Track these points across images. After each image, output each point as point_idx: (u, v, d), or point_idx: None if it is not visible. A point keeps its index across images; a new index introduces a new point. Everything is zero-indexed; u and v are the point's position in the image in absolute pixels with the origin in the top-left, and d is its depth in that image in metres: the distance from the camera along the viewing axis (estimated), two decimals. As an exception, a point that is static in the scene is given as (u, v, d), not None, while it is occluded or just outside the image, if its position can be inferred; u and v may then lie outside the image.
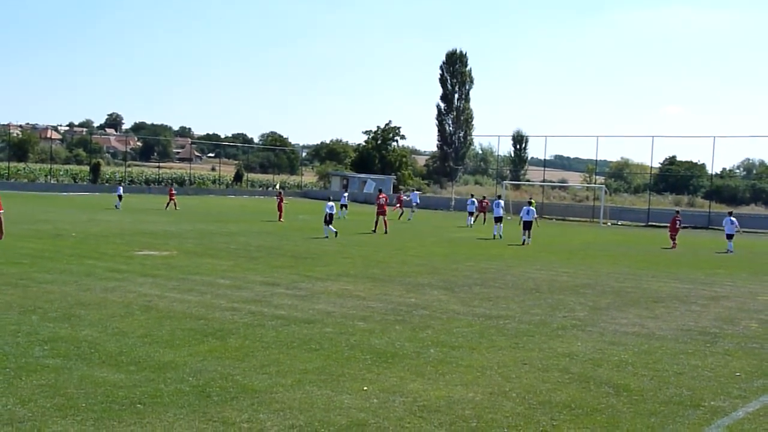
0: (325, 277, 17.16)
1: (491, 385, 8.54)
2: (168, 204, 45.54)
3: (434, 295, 15.30)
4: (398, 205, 48.31)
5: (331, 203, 30.07)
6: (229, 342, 10.12)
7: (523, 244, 29.67)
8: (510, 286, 17.15)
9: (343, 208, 43.96)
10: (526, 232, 30.62)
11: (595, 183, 76.66)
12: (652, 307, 14.83)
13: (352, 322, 11.94)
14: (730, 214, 33.08)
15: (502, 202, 36.32)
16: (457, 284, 17.01)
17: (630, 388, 8.66)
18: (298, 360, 9.30)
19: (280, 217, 38.86)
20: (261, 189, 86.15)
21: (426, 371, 9.04)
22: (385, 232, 32.40)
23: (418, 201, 52.34)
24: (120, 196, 44.68)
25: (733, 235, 31.58)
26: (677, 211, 36.23)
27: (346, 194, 46.26)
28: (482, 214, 45.95)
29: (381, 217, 33.65)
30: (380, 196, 34.71)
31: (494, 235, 32.46)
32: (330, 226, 28.95)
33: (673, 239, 32.52)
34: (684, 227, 37.61)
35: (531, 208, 31.64)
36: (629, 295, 16.31)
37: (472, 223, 42.49)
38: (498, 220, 33.75)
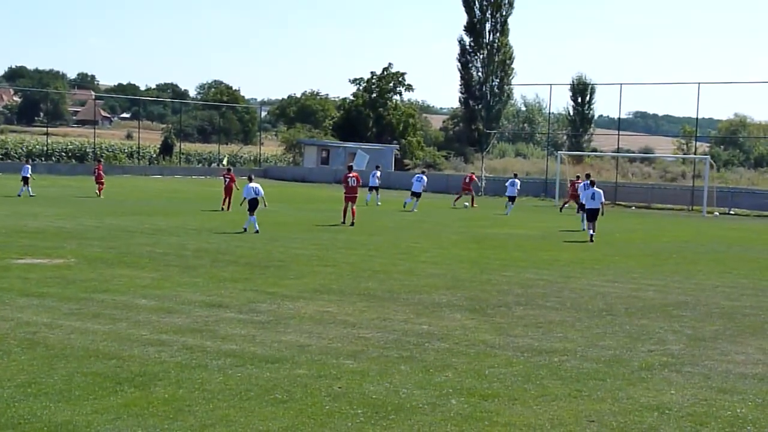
0: (297, 295, 17.11)
1: (543, 453, 8.52)
2: (99, 189, 46.26)
3: (456, 319, 15.27)
4: (465, 192, 50.74)
5: (253, 185, 31.24)
6: (155, 392, 10.08)
7: (591, 240, 30.71)
8: (568, 306, 17.12)
9: (375, 192, 48.48)
10: (591, 223, 31.63)
11: (695, 153, 76.74)
12: (780, 335, 14.82)
13: (337, 360, 11.91)
14: None
15: (601, 192, 35.17)
16: (490, 304, 16.99)
17: (749, 456, 8.64)
18: (257, 417, 9.27)
19: (228, 205, 39.00)
20: (201, 165, 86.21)
21: (446, 433, 9.01)
22: (352, 224, 33.86)
23: (423, 189, 51.23)
24: (26, 178, 44.66)
25: None
26: None
27: (378, 173, 50.43)
28: (572, 200, 46.61)
29: (350, 203, 34.90)
30: (350, 176, 35.78)
31: (590, 235, 31.47)
32: (254, 217, 30.11)
33: None
34: None
35: (597, 190, 32.43)
36: (747, 320, 16.29)
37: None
38: (589, 213, 32.66)
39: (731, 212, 53.78)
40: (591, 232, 31.33)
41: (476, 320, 15.26)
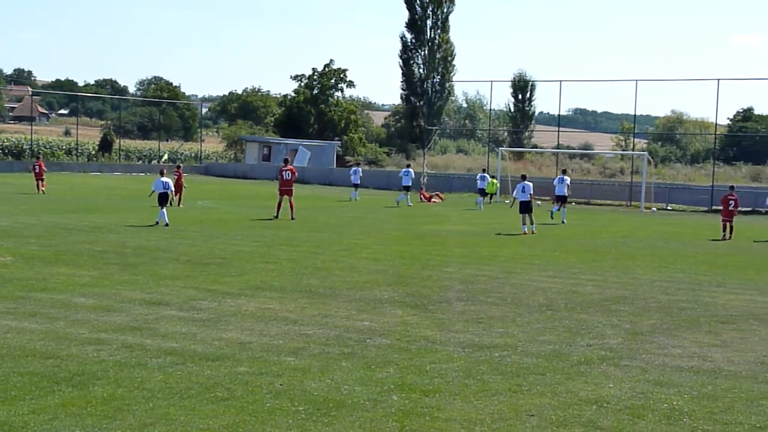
0: (238, 292, 17.06)
1: (484, 448, 8.56)
2: (38, 186, 45.76)
3: (398, 315, 15.30)
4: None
5: (164, 179, 31.72)
6: (94, 391, 9.99)
7: (525, 234, 32.04)
8: (509, 301, 17.24)
9: (355, 189, 50.74)
10: (526, 216, 32.91)
11: (633, 149, 77.62)
12: (717, 330, 15.04)
13: (278, 357, 11.89)
14: None
15: (567, 179, 42.08)
16: (432, 300, 17.05)
17: (685, 448, 8.76)
18: (198, 415, 9.23)
19: (178, 201, 39.19)
20: (141, 162, 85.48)
21: (387, 429, 9.03)
22: (292, 218, 34.44)
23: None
24: None
25: None
26: (731, 187, 37.25)
27: (359, 170, 53.05)
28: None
29: (286, 197, 35.32)
30: (285, 169, 36.23)
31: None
32: (164, 210, 30.58)
33: (726, 227, 34.11)
34: (744, 211, 38.79)
35: (527, 183, 34.09)
36: (684, 314, 16.52)
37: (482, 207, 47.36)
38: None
39: (668, 208, 54.50)
40: (525, 227, 32.61)
41: (417, 316, 15.30)
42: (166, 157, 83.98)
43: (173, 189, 31.33)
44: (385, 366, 11.60)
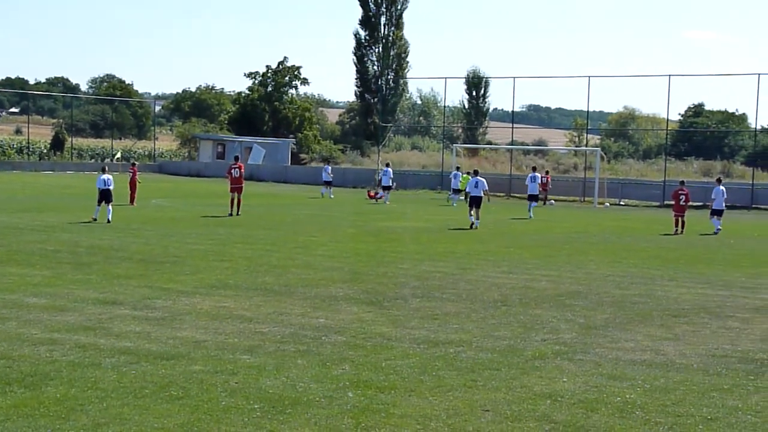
0: (193, 291, 16.98)
1: (439, 443, 8.58)
2: None
3: (353, 312, 15.31)
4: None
5: (105, 176, 32.36)
6: (46, 392, 9.90)
7: (472, 227, 33.05)
8: (464, 297, 17.31)
9: (328, 186, 52.55)
10: (474, 210, 34.20)
11: (586, 145, 78.17)
12: (670, 323, 15.20)
13: (233, 355, 11.85)
14: (719, 182, 37.09)
15: (539, 176, 45.77)
16: (387, 296, 17.07)
17: (638, 441, 8.84)
18: (152, 414, 9.17)
19: (131, 200, 39.13)
20: (93, 161, 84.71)
21: (342, 425, 9.04)
22: (238, 214, 35.18)
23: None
24: None
25: (723, 211, 35.64)
26: (682, 182, 37.77)
27: (329, 168, 54.62)
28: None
29: (236, 194, 35.97)
30: (234, 166, 36.96)
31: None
32: (104, 206, 31.42)
33: (678, 222, 34.59)
34: (696, 206, 39.44)
35: (480, 179, 35.42)
36: (637, 308, 16.68)
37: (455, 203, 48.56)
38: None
39: (621, 203, 54.97)
40: (474, 220, 33.61)
41: (373, 313, 15.32)
42: (119, 155, 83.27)
43: (113, 187, 32.07)
44: (341, 363, 11.61)
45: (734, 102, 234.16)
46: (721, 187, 36.12)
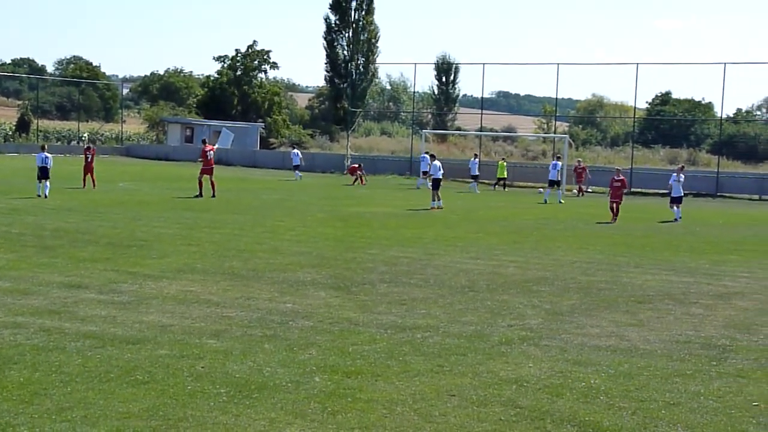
0: (159, 275, 16.92)
1: (404, 428, 8.62)
2: None
3: (321, 297, 15.32)
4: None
5: (44, 154, 34.17)
6: (9, 376, 9.85)
7: (433, 209, 35.62)
8: (431, 282, 17.35)
9: (296, 170, 54.06)
10: (435, 193, 36.81)
11: (555, 132, 78.45)
12: (634, 310, 15.31)
13: (200, 339, 11.83)
14: (682, 169, 38.49)
15: (559, 164, 46.73)
16: (355, 281, 17.08)
17: (603, 428, 8.91)
18: (117, 399, 9.14)
19: (91, 183, 38.61)
20: (60, 143, 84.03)
21: (309, 410, 9.05)
22: (213, 196, 35.93)
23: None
24: None
25: (681, 199, 36.32)
26: (617, 170, 38.09)
27: (297, 152, 56.87)
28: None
29: (207, 175, 36.59)
30: (206, 149, 37.50)
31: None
32: (44, 182, 33.57)
33: (613, 209, 34.46)
34: (662, 194, 40.16)
35: (436, 163, 39.55)
36: (602, 294, 16.78)
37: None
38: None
39: (589, 190, 55.13)
40: (435, 203, 36.21)
41: (340, 298, 15.33)
42: (86, 137, 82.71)
43: (51, 165, 34.55)
44: (308, 348, 11.62)
45: (701, 91, 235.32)
46: (675, 174, 37.16)
